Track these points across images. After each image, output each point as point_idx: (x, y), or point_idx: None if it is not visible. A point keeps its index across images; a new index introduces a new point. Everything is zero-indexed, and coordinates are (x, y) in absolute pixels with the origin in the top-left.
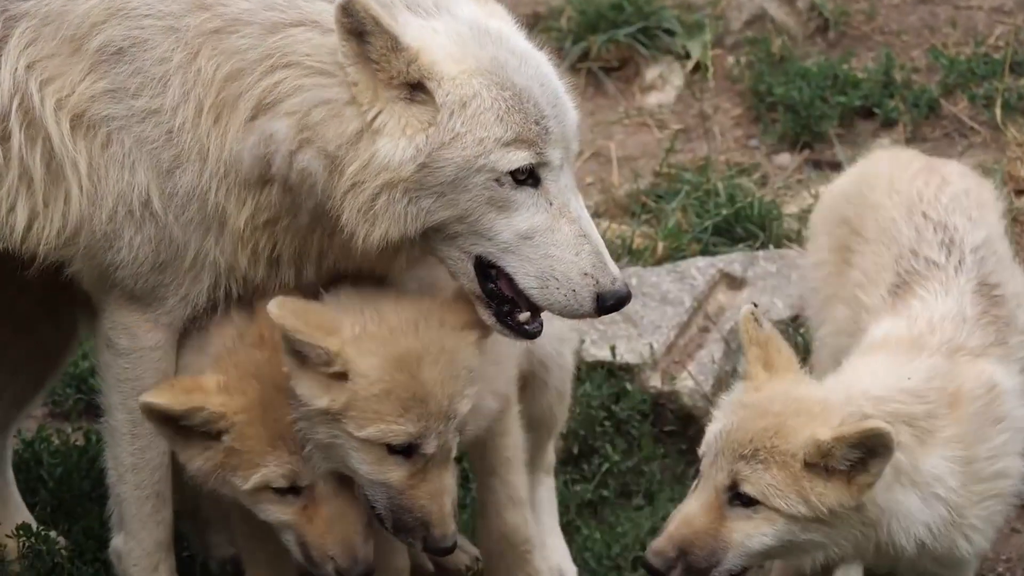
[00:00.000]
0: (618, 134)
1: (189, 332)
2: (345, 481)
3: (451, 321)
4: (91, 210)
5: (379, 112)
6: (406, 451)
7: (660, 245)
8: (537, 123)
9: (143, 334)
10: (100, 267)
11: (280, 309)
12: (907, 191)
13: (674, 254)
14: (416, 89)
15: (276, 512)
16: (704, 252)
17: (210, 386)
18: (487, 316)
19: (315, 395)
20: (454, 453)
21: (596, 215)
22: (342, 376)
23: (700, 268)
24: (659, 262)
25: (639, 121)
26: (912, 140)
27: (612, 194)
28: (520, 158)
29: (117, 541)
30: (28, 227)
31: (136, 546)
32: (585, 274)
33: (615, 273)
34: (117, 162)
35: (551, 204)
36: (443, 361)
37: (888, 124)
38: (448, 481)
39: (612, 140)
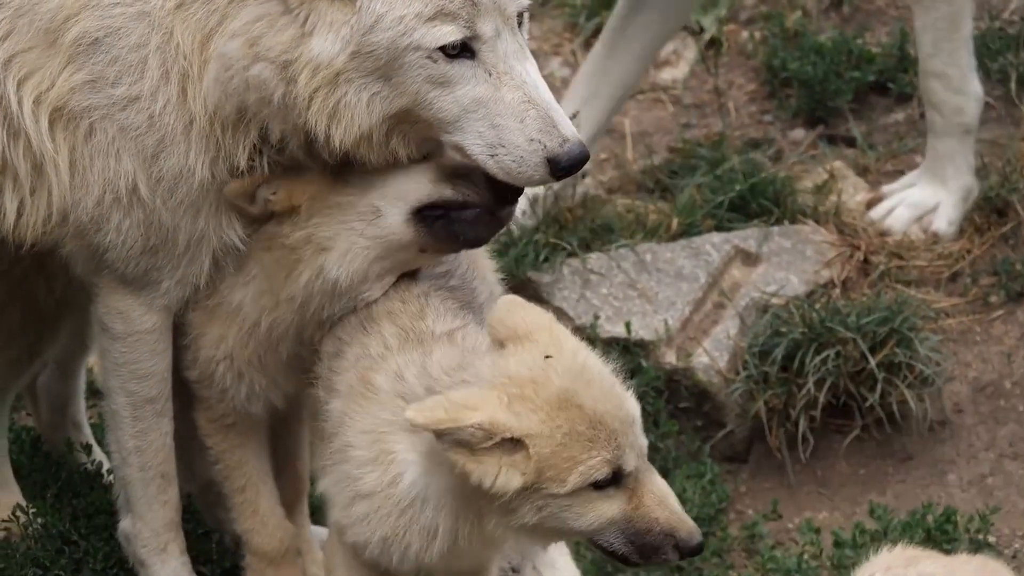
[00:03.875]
0: (632, 110)
1: None
2: None
3: (545, 335)
4: (76, 198)
5: (308, 14)
6: (613, 480)
7: (674, 221)
8: None
9: (137, 318)
10: (90, 249)
11: (417, 414)
12: None
13: (689, 230)
14: None
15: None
16: (719, 228)
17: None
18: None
19: (507, 479)
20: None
21: (610, 191)
22: (517, 445)
23: (715, 244)
24: (674, 238)
25: (653, 97)
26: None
27: (626, 170)
28: (445, 33)
29: (125, 523)
30: (18, 216)
31: (144, 527)
32: (531, 139)
33: (566, 134)
34: (102, 151)
35: (490, 74)
36: (585, 372)
37: (902, 99)
38: (660, 479)
39: (626, 116)
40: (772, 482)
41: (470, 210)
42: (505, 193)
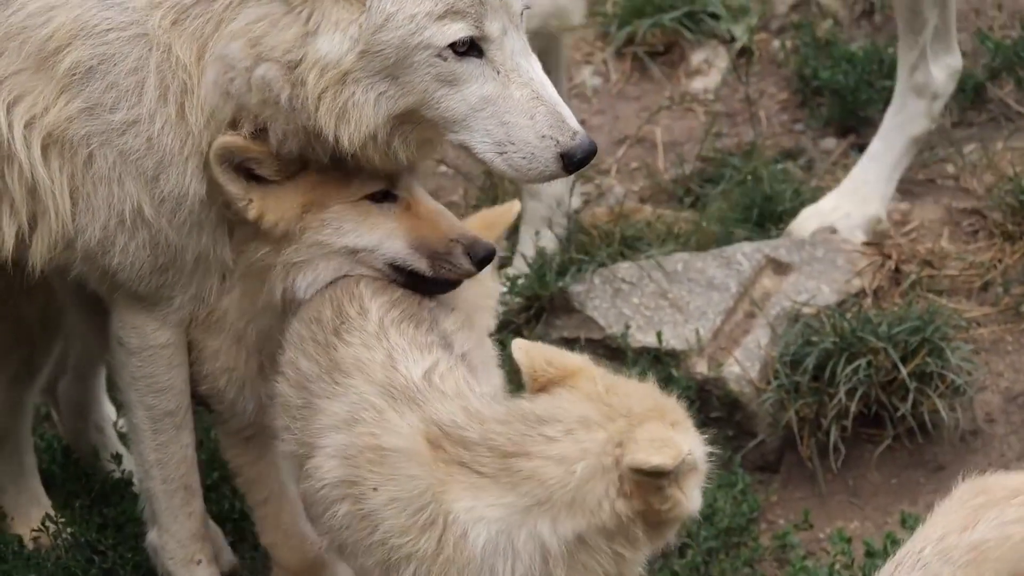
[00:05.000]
0: (663, 119)
1: None
2: None
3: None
4: (82, 225)
5: (311, 13)
6: None
7: (705, 230)
8: None
9: (151, 333)
10: (100, 271)
11: (651, 456)
12: None
13: (720, 239)
14: None
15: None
16: (749, 237)
17: None
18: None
19: (698, 497)
20: None
21: (641, 200)
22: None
23: (746, 253)
24: (704, 247)
25: (684, 106)
26: (958, 124)
27: (657, 179)
28: (455, 31)
29: (152, 536)
30: (19, 242)
31: (170, 539)
32: (543, 136)
33: (575, 127)
34: (104, 177)
35: (498, 72)
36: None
37: None
38: None
39: (658, 125)
40: (803, 492)
41: (435, 283)
42: (482, 263)
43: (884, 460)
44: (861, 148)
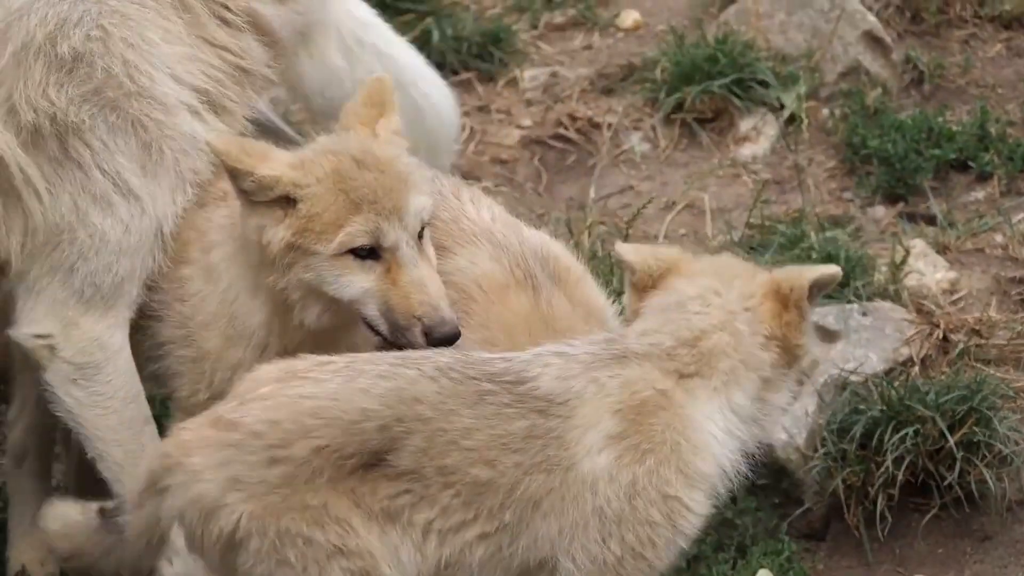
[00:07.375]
0: (712, 185)
1: None
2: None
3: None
4: (49, 212)
5: None
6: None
7: None
8: None
9: (109, 338)
10: (58, 266)
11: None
12: None
13: None
14: None
15: (359, 281)
16: None
17: (282, 159)
18: None
19: None
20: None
21: None
22: None
23: None
24: None
25: (733, 173)
26: (1007, 193)
27: (705, 245)
28: None
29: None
30: None
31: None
32: None
33: None
34: (83, 163)
35: None
36: None
37: (983, 177)
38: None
39: (706, 191)
40: (850, 560)
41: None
42: (438, 344)
43: (931, 529)
44: (910, 216)
